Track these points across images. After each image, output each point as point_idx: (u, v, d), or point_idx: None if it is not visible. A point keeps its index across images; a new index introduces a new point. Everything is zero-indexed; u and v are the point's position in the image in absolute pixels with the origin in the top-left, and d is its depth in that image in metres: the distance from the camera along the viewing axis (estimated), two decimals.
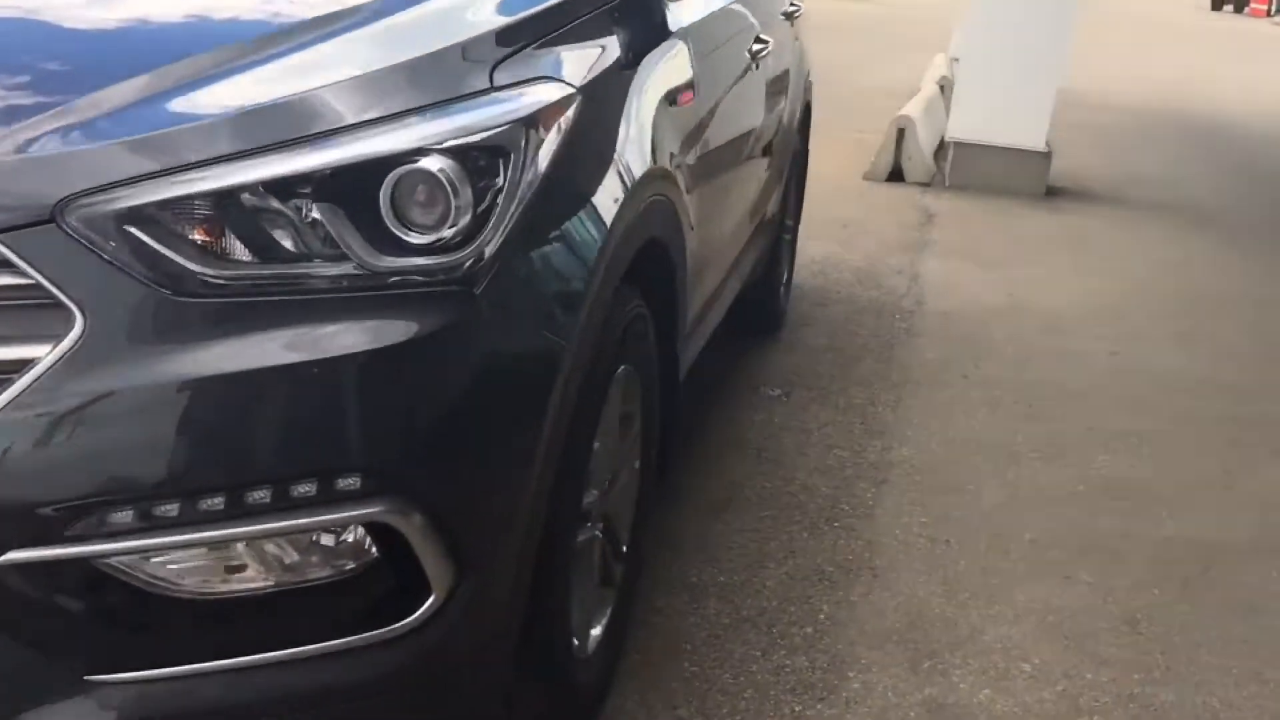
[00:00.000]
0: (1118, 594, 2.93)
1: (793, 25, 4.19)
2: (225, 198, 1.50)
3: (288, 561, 1.53)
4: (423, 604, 1.59)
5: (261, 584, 1.52)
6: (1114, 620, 2.82)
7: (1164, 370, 4.54)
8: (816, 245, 5.72)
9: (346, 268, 1.53)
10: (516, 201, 1.67)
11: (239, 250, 1.51)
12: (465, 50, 1.77)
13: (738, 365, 4.20)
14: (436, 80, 1.70)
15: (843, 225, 6.21)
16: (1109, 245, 6.37)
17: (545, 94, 1.80)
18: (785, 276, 4.68)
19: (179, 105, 1.55)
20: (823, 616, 2.72)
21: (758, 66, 3.31)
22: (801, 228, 5.40)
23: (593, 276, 1.82)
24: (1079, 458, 3.70)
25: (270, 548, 1.52)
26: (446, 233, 1.59)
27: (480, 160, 1.64)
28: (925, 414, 3.94)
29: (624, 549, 2.40)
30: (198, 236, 1.49)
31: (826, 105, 5.42)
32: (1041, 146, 7.29)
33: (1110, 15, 16.34)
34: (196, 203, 1.49)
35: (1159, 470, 3.66)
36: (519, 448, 1.68)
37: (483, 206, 1.63)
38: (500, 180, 1.66)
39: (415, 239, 1.58)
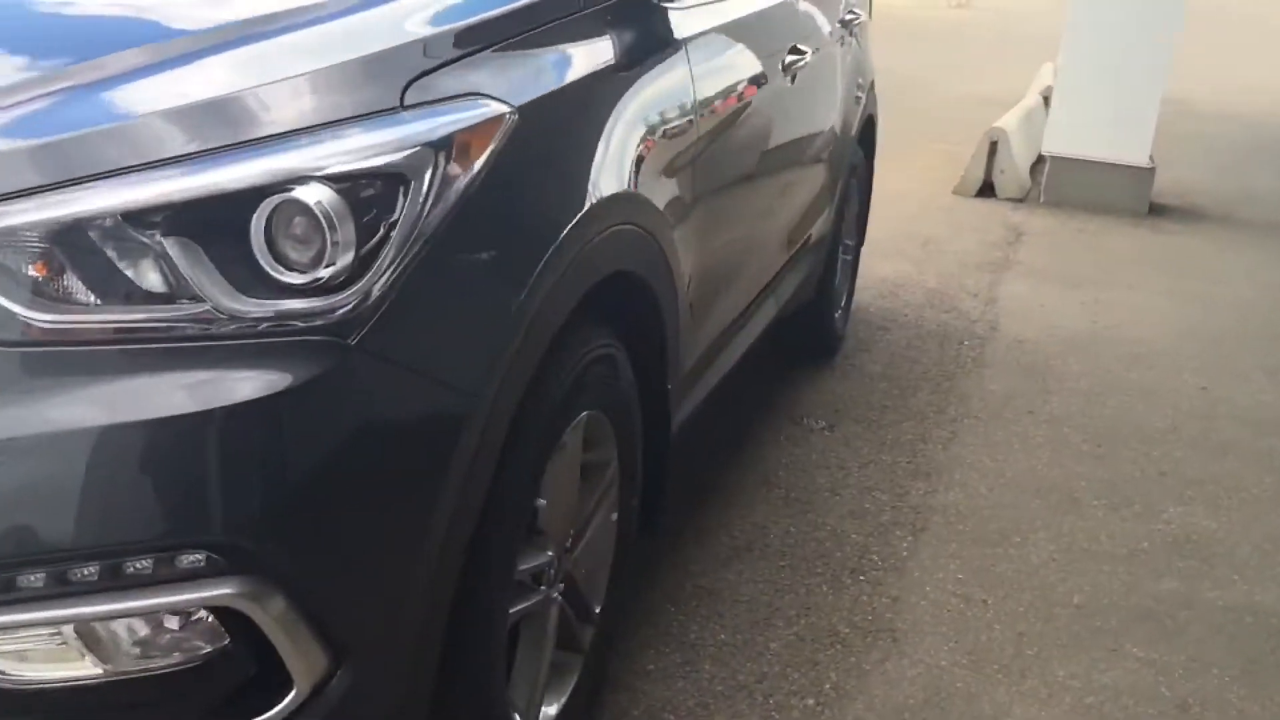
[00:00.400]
0: (1171, 672, 2.61)
1: (852, 34, 3.93)
2: (64, 230, 1.32)
3: (124, 647, 1.34)
4: (283, 699, 1.40)
5: (93, 672, 1.34)
6: (1164, 705, 2.51)
7: (1257, 410, 4.15)
8: (888, 264, 5.43)
9: (199, 310, 1.34)
10: (417, 238, 1.46)
11: (79, 291, 1.33)
12: (376, 63, 1.57)
13: (781, 393, 3.95)
14: (335, 97, 1.51)
15: (921, 243, 5.89)
16: (1212, 268, 5.93)
17: (469, 114, 1.59)
18: (843, 299, 4.40)
19: (15, 122, 1.37)
20: (828, 686, 2.46)
21: (793, 79, 3.06)
22: (875, 245, 5.14)
23: (518, 321, 1.61)
24: (1147, 508, 3.37)
25: (103, 631, 1.33)
26: (322, 273, 1.39)
27: (369, 190, 1.44)
28: (979, 453, 3.64)
29: (595, 610, 2.18)
30: (30, 274, 1.31)
31: (916, 116, 5.17)
32: (1145, 161, 6.85)
33: (1211, 17, 15.49)
34: (26, 235, 1.31)
35: (1236, 527, 3.31)
36: (409, 517, 1.48)
37: (371, 244, 1.43)
38: (396, 214, 1.45)
39: (290, 279, 1.39)
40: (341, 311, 1.38)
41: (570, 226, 1.73)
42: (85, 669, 1.34)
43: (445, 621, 1.58)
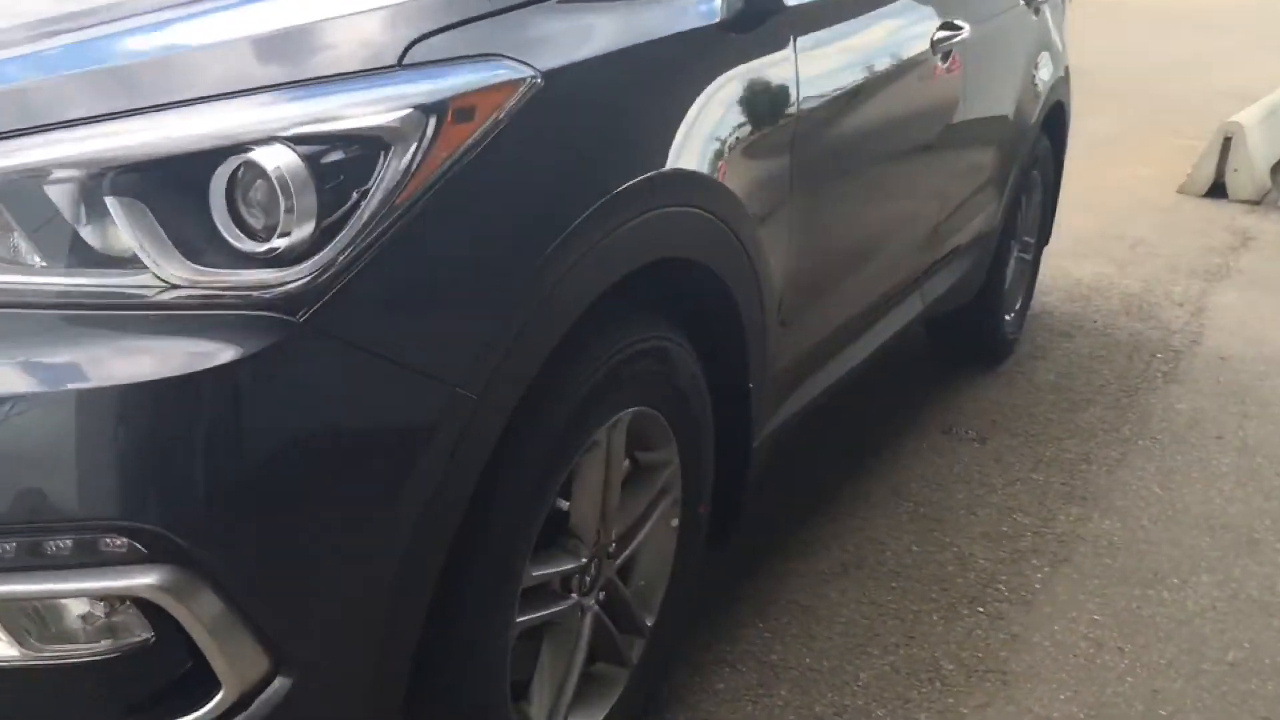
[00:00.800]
0: None
1: (1037, 14, 3.60)
2: (6, 184, 1.25)
3: (42, 631, 1.27)
4: (208, 702, 1.29)
5: (8, 654, 1.27)
6: None
7: None
8: (1088, 265, 5.03)
9: (141, 277, 1.25)
10: (392, 210, 1.33)
11: (23, 251, 1.26)
12: (377, 16, 1.45)
13: (933, 399, 3.67)
14: (326, 53, 1.39)
15: (1130, 244, 5.43)
16: None
17: (477, 77, 1.45)
18: (1018, 302, 4.07)
19: None
20: None
21: (945, 58, 2.79)
22: (1076, 244, 4.77)
23: (518, 306, 1.46)
24: None
25: (20, 612, 1.26)
26: (277, 243, 1.28)
27: (339, 155, 1.32)
28: (1149, 480, 3.28)
29: (646, 623, 2.02)
30: None
31: (1147, 105, 4.73)
32: None
33: None
34: None
35: None
36: (366, 516, 1.35)
37: (337, 215, 1.30)
38: (370, 183, 1.32)
39: (247, 248, 1.28)
40: (291, 286, 1.27)
41: (596, 205, 1.56)
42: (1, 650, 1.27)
43: (417, 630, 1.45)
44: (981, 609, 2.61)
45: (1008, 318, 3.96)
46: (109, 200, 1.24)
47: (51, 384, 1.21)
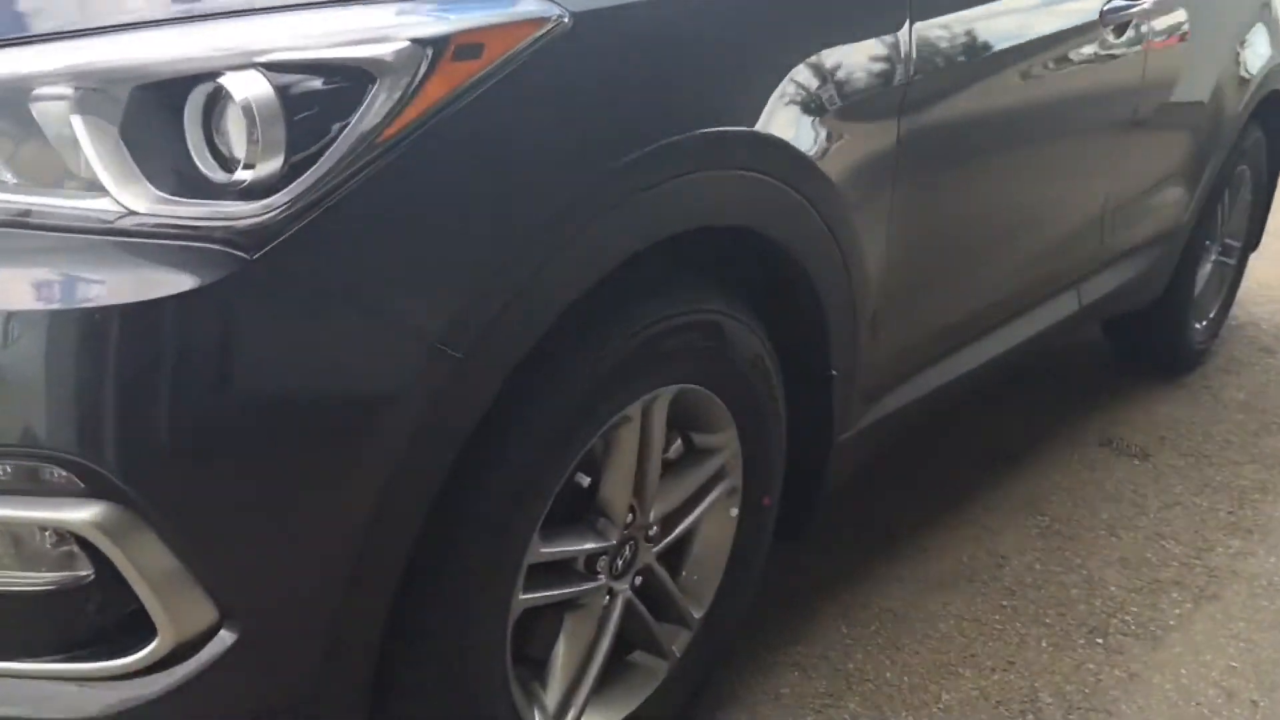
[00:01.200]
0: None
1: None
2: None
3: None
4: (143, 648, 1.25)
5: None
6: None
7: None
8: None
9: (97, 202, 1.20)
10: (374, 149, 1.24)
11: None
12: None
13: (1096, 407, 3.38)
14: None
15: None
16: None
17: (493, 13, 1.35)
18: (1213, 309, 3.71)
19: None
20: None
21: (1116, 30, 2.53)
22: None
23: (518, 259, 1.35)
24: None
25: None
26: (243, 175, 1.21)
27: (319, 85, 1.24)
28: None
29: (693, 614, 1.89)
30: None
31: None
32: None
33: None
34: None
35: None
36: (321, 471, 1.27)
37: (311, 150, 1.23)
38: (352, 118, 1.24)
39: (218, 178, 1.23)
40: (248, 221, 1.20)
41: (624, 162, 1.44)
42: None
43: (387, 596, 1.37)
44: (1100, 640, 2.37)
45: (1198, 326, 3.61)
46: (75, 120, 1.20)
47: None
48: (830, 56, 1.76)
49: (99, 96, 1.20)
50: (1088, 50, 2.46)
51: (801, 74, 1.70)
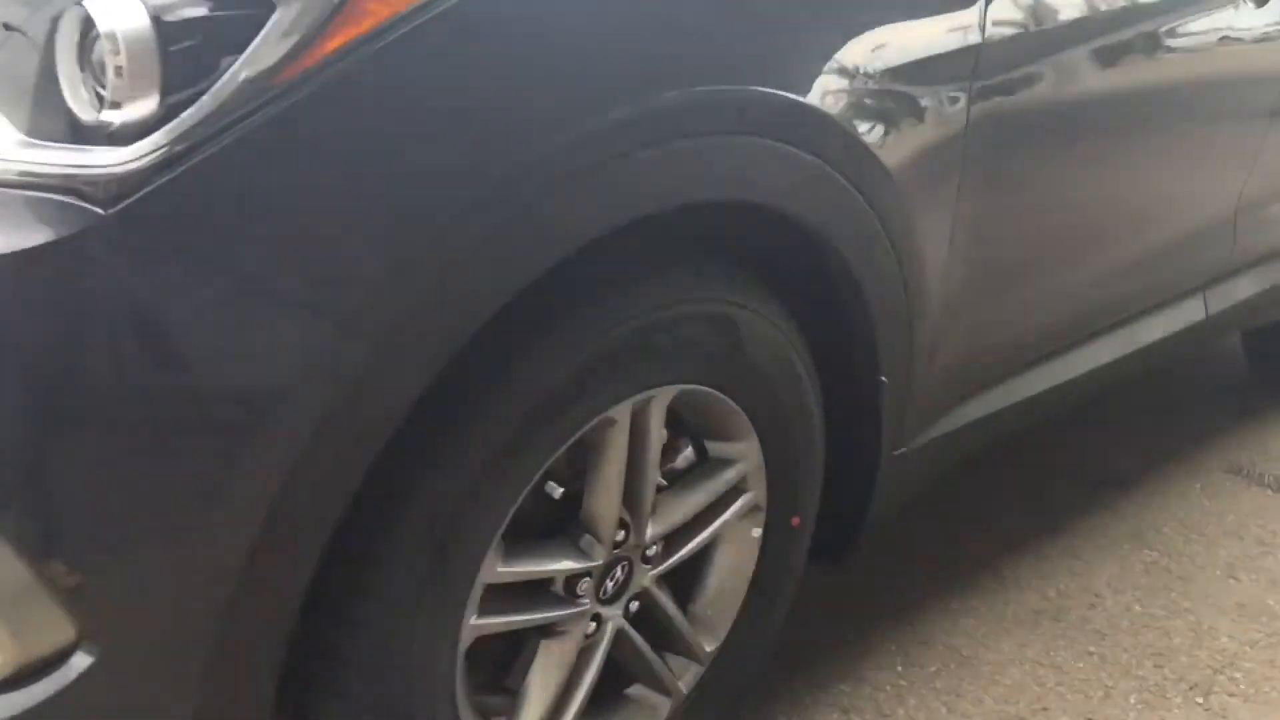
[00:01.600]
0: None
1: None
2: None
3: None
4: None
5: None
6: None
7: None
8: None
9: None
10: (263, 91, 1.05)
11: None
12: None
13: (1228, 431, 3.02)
14: None
15: None
16: None
17: None
18: None
19: None
20: None
21: (1262, 2, 2.20)
22: None
23: (447, 234, 1.14)
24: None
25: None
26: (110, 116, 1.03)
27: (203, 13, 1.05)
28: None
29: (703, 647, 1.66)
30: None
31: None
32: None
33: None
34: None
35: None
36: (193, 473, 1.08)
37: (191, 90, 1.04)
38: (247, 52, 1.05)
39: (89, 119, 1.05)
40: (107, 170, 1.02)
41: (593, 125, 1.21)
42: None
43: (283, 623, 1.18)
44: (1200, 700, 2.05)
45: None
46: None
47: None
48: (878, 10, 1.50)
49: None
50: (1219, 22, 2.14)
51: (839, 34, 1.45)
